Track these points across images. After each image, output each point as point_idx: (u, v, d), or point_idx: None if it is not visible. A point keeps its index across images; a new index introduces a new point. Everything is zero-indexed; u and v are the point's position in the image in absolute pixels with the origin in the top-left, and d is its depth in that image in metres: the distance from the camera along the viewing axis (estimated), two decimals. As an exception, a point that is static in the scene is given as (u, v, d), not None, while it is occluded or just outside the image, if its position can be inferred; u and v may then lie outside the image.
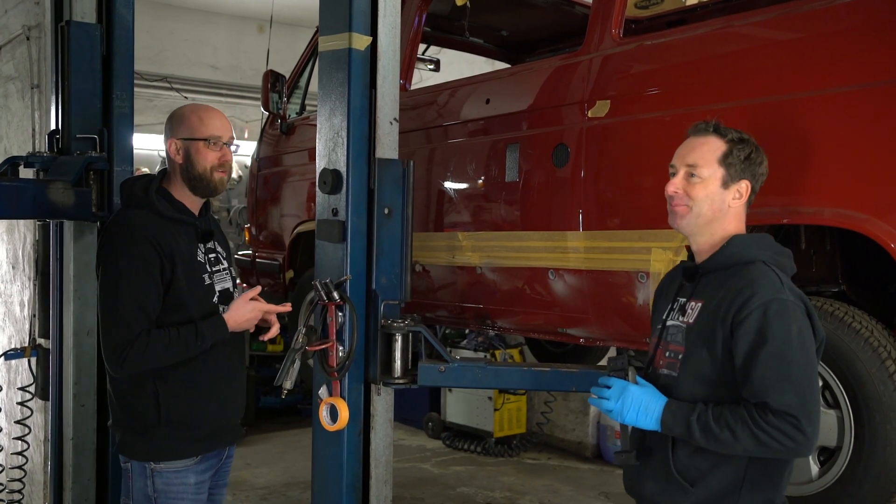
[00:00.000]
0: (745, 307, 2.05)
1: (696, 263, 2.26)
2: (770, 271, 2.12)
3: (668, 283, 2.41)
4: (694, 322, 2.18)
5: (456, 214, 3.79)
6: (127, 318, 2.58)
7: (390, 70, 3.22)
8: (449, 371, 3.18)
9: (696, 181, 2.19)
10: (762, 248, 2.18)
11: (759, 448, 2.01)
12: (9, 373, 5.16)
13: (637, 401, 2.14)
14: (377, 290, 3.17)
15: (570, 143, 3.22)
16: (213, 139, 2.75)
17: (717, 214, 2.20)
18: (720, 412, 2.05)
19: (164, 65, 8.36)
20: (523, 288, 3.50)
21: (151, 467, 2.69)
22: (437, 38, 5.14)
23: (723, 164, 2.19)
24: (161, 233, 2.65)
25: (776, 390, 2.00)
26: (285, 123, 5.09)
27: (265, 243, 5.38)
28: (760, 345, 2.02)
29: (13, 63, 5.17)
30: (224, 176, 2.80)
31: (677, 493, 2.17)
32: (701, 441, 2.06)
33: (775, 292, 2.06)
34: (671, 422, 2.11)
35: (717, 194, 2.19)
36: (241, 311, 2.77)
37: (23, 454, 4.56)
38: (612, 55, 3.15)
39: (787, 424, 1.98)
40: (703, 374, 2.14)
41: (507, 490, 6.39)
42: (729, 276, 2.15)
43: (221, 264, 2.89)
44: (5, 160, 3.46)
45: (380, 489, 3.29)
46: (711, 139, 2.21)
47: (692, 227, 2.22)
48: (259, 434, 7.92)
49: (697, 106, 2.83)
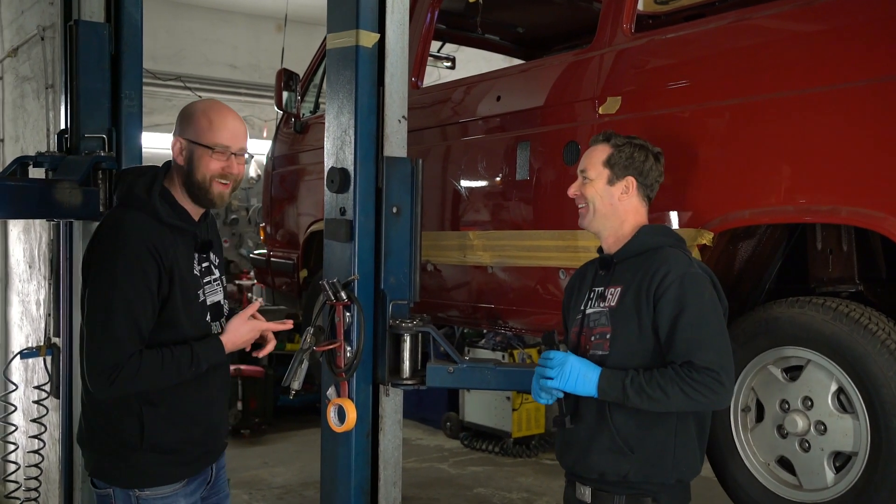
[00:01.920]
0: (664, 282, 2.36)
1: (610, 254, 2.55)
2: (677, 251, 2.45)
3: (578, 280, 2.69)
4: (617, 304, 2.46)
5: (467, 213, 3.75)
6: (120, 338, 2.32)
7: (398, 68, 3.18)
8: (458, 372, 3.14)
9: (587, 183, 2.54)
10: (665, 236, 2.52)
11: (688, 402, 2.29)
12: (26, 371, 5.18)
13: (577, 369, 2.39)
14: (385, 289, 3.14)
15: (581, 141, 3.17)
16: (220, 148, 2.47)
17: (609, 210, 2.52)
18: (650, 375, 2.31)
19: (183, 64, 8.39)
20: (534, 288, 3.45)
21: (136, 494, 2.46)
22: (451, 35, 5.10)
23: (606, 165, 2.52)
24: (162, 243, 2.41)
25: (698, 350, 2.29)
26: (299, 122, 5.07)
27: (280, 242, 5.37)
28: (680, 312, 2.33)
29: (29, 63, 5.18)
30: (225, 189, 2.52)
31: (621, 460, 2.41)
32: (636, 402, 2.31)
33: (687, 267, 2.39)
34: (607, 386, 2.35)
35: (604, 191, 2.51)
36: (239, 332, 2.57)
37: (39, 452, 4.57)
38: (623, 51, 3.09)
39: (709, 378, 2.27)
40: (632, 346, 2.41)
41: (525, 491, 6.33)
42: (642, 260, 2.45)
43: (213, 275, 2.65)
44: (14, 160, 3.46)
45: (388, 491, 3.26)
46: (601, 146, 2.55)
47: (593, 223, 2.54)
48: (277, 433, 7.94)
49: (709, 102, 2.77)
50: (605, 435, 2.43)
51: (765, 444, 2.70)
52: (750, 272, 2.96)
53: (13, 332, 5.65)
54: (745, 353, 2.70)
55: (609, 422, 2.42)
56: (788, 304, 2.61)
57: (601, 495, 2.47)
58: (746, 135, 2.67)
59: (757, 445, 2.73)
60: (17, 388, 4.90)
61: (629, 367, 2.37)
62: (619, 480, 2.44)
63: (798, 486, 2.62)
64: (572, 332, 2.62)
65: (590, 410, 2.46)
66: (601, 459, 2.45)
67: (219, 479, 2.77)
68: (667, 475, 2.41)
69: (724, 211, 2.73)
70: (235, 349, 2.59)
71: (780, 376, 2.66)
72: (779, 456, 2.67)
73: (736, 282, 2.96)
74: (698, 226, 2.77)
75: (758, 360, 2.69)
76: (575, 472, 2.57)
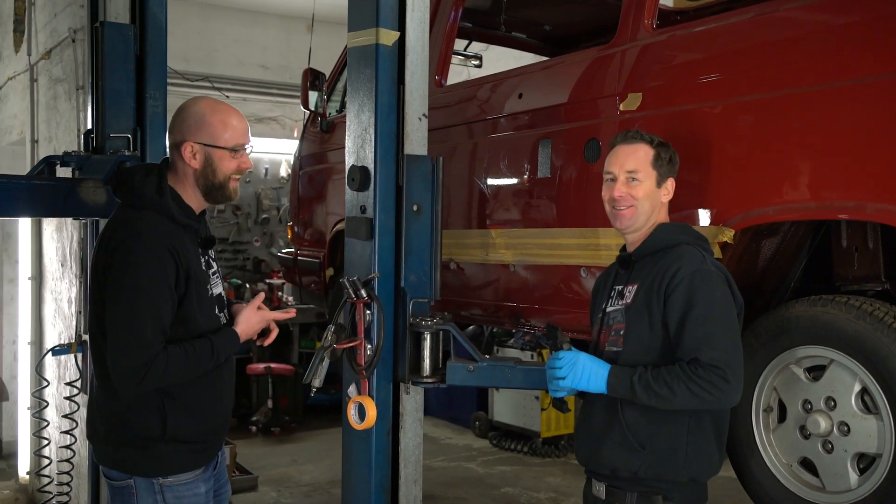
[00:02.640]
0: (675, 278, 2.36)
1: (629, 253, 2.56)
2: (693, 249, 2.44)
3: (603, 281, 2.71)
4: (632, 301, 2.47)
5: (489, 211, 3.74)
6: (147, 339, 2.39)
7: (419, 66, 3.18)
8: (478, 370, 3.13)
9: (635, 184, 2.51)
10: (684, 233, 2.52)
11: (693, 399, 2.29)
12: (58, 368, 5.27)
13: (587, 367, 2.40)
14: (406, 287, 3.14)
15: (602, 138, 3.14)
16: (239, 148, 2.58)
17: (653, 211, 2.53)
18: (658, 372, 2.32)
19: (215, 65, 8.46)
20: (555, 286, 3.43)
21: (160, 482, 2.54)
22: (478, 33, 5.09)
23: (654, 167, 2.51)
24: (179, 242, 2.49)
25: (705, 347, 2.29)
26: (325, 121, 5.09)
27: (307, 241, 5.40)
28: (689, 309, 2.33)
29: (61, 65, 5.27)
30: (237, 184, 2.64)
31: (631, 456, 2.42)
32: (643, 398, 2.33)
33: (699, 264, 2.38)
34: (616, 383, 2.37)
35: (653, 192, 2.51)
36: (250, 323, 2.69)
37: (70, 448, 4.64)
38: (644, 46, 3.06)
39: (715, 376, 2.26)
40: (643, 342, 2.42)
41: (553, 491, 6.31)
42: (658, 258, 2.46)
43: (212, 268, 2.72)
44: (42, 160, 3.52)
45: (409, 489, 3.26)
46: (641, 146, 2.53)
47: (637, 224, 2.52)
48: (307, 431, 7.99)
49: (731, 97, 2.73)
50: (615, 430, 2.45)
51: (787, 444, 2.66)
52: (774, 271, 2.91)
53: (47, 330, 5.75)
54: (767, 352, 2.66)
55: (620, 417, 2.43)
56: (811, 302, 2.57)
57: (614, 492, 2.49)
58: (769, 130, 2.63)
59: (779, 446, 2.68)
60: (48, 384, 4.98)
61: (640, 363, 2.38)
62: (630, 477, 2.44)
63: (821, 487, 2.57)
64: (594, 330, 2.64)
65: (601, 405, 2.48)
66: (612, 455, 2.46)
67: (221, 464, 2.85)
68: (678, 473, 2.40)
69: (745, 208, 2.69)
70: (247, 339, 2.72)
71: (803, 376, 2.61)
72: (801, 457, 2.63)
73: (759, 281, 2.91)
74: (719, 223, 2.73)
75: (779, 360, 2.65)
76: (589, 467, 2.59)
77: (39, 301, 5.93)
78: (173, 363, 2.43)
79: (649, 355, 2.40)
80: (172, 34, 3.66)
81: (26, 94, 6.19)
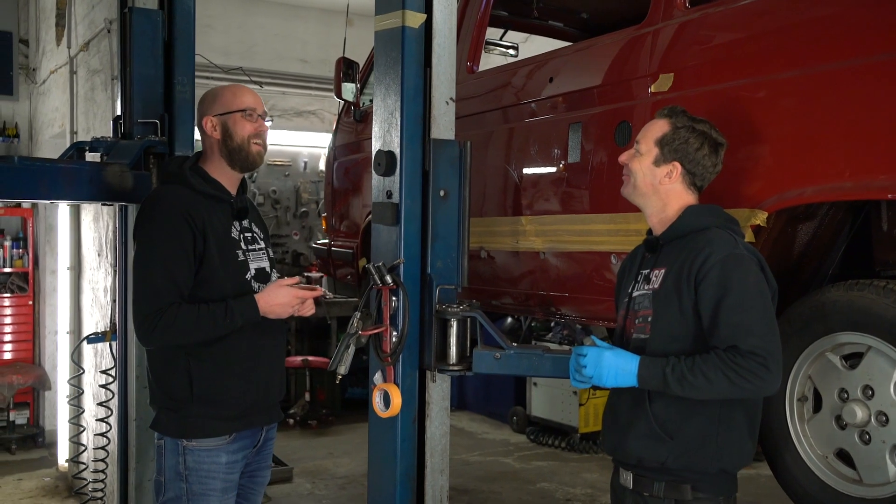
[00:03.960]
0: (706, 264, 2.26)
1: (656, 236, 2.46)
2: (724, 232, 2.34)
3: (629, 263, 2.61)
4: (660, 286, 2.37)
5: (519, 198, 3.67)
6: (157, 289, 2.58)
7: (446, 48, 3.13)
8: (505, 358, 3.06)
9: (636, 156, 2.46)
10: (713, 216, 2.40)
11: (732, 388, 2.19)
12: (95, 356, 5.32)
13: (613, 364, 2.30)
14: (432, 274, 3.09)
15: (633, 121, 3.06)
16: (249, 110, 2.76)
17: (650, 189, 2.43)
18: (692, 361, 2.22)
19: (255, 59, 8.49)
20: (586, 273, 3.36)
21: (184, 444, 2.69)
22: (514, 22, 5.02)
23: (657, 144, 2.42)
24: (194, 207, 2.66)
25: (742, 334, 2.19)
26: (359, 111, 5.06)
27: (341, 232, 5.38)
28: (724, 295, 2.22)
29: (98, 56, 5.32)
30: (261, 149, 2.80)
31: (658, 446, 2.34)
32: (677, 389, 2.22)
33: (731, 248, 2.28)
34: (647, 376, 2.27)
35: (648, 170, 2.43)
36: (273, 295, 2.72)
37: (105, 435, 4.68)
38: (676, 26, 2.97)
39: (754, 363, 2.17)
40: (672, 330, 2.32)
41: (589, 487, 6.22)
42: (687, 242, 2.36)
43: (258, 244, 2.87)
44: (71, 145, 3.55)
45: (435, 479, 3.21)
46: (662, 122, 2.44)
47: (631, 197, 2.48)
48: (344, 424, 8.00)
49: (765, 75, 2.63)
50: (642, 421, 2.37)
51: (822, 435, 2.55)
52: (811, 256, 2.80)
53: (85, 319, 5.82)
54: (801, 339, 2.55)
55: (647, 407, 2.36)
56: (847, 287, 2.46)
57: (641, 481, 2.41)
58: (807, 107, 2.53)
59: (814, 437, 2.57)
60: (83, 371, 5.03)
61: (669, 352, 2.29)
62: (657, 467, 2.37)
63: (858, 480, 2.45)
64: (620, 315, 2.56)
65: (628, 394, 2.39)
66: (639, 444, 2.39)
67: (265, 448, 2.93)
68: (708, 464, 2.33)
69: (779, 189, 2.59)
70: (271, 313, 2.73)
71: (839, 364, 2.50)
72: (837, 448, 2.51)
73: (796, 267, 2.81)
74: (752, 206, 2.63)
75: (814, 347, 2.54)
76: (616, 456, 2.51)
77: (78, 291, 6.00)
78: (184, 317, 2.57)
79: (678, 343, 2.31)
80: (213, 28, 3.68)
81: (66, 87, 6.28)
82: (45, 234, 8.16)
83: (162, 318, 2.56)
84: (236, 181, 2.83)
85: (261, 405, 2.83)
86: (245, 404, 2.76)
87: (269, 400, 2.89)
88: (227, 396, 2.71)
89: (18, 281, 8.20)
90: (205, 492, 2.70)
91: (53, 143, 7.39)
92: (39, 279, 8.26)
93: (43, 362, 8.25)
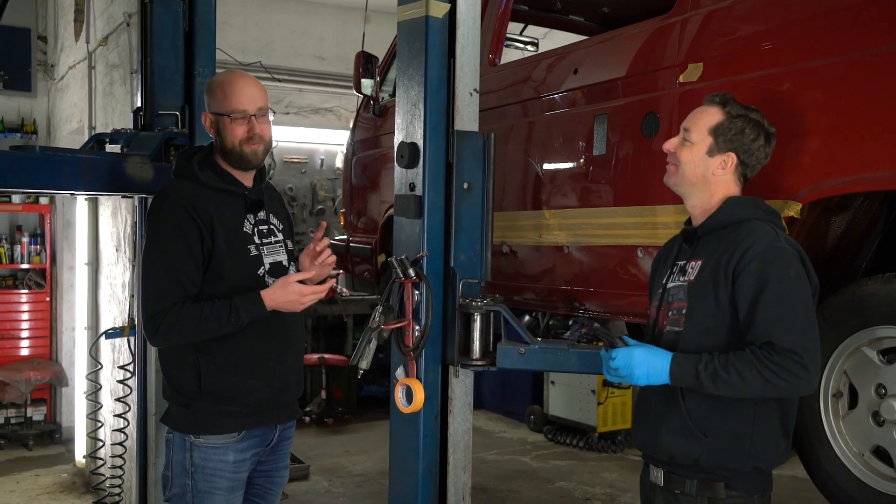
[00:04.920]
0: (745, 257, 2.19)
1: (694, 227, 2.39)
2: (765, 225, 2.26)
3: (664, 253, 2.55)
4: (695, 279, 2.31)
5: (542, 191, 3.62)
6: (161, 289, 2.54)
7: (470, 39, 3.08)
8: (529, 353, 3.02)
9: (686, 144, 2.36)
10: (754, 208, 2.33)
11: (767, 387, 2.12)
12: (113, 352, 5.30)
13: (645, 362, 2.23)
14: (455, 267, 3.04)
15: (661, 112, 3.00)
16: (237, 114, 2.63)
17: (700, 180, 2.35)
18: (726, 358, 2.15)
19: (272, 56, 8.46)
20: (611, 268, 3.30)
21: (191, 440, 2.64)
22: (534, 16, 4.97)
23: (712, 134, 2.33)
24: (201, 202, 2.59)
25: (779, 330, 2.12)
26: (378, 105, 5.03)
27: (359, 228, 5.34)
28: (762, 289, 2.15)
29: (117, 51, 5.30)
30: (258, 148, 2.68)
31: (691, 443, 2.27)
32: (710, 388, 2.16)
33: (771, 241, 2.20)
34: (680, 373, 2.20)
35: (700, 159, 2.34)
36: (280, 292, 2.63)
37: (123, 431, 4.66)
38: (706, 14, 2.91)
39: (790, 361, 2.10)
40: (707, 324, 2.26)
41: (608, 486, 6.16)
42: (726, 234, 2.29)
43: (275, 236, 2.79)
44: (91, 137, 3.52)
45: (458, 475, 3.16)
46: (713, 109, 2.36)
47: (677, 186, 2.40)
48: (360, 422, 7.96)
49: (800, 63, 2.57)
50: (675, 416, 2.30)
51: (859, 432, 2.48)
52: (844, 249, 2.74)
53: (103, 315, 5.80)
54: (837, 334, 2.49)
55: (680, 403, 2.29)
56: (886, 280, 2.39)
57: (673, 478, 2.34)
58: (842, 95, 2.47)
59: (850, 434, 2.51)
60: (101, 367, 5.02)
61: (703, 346, 2.23)
62: (690, 464, 2.30)
63: (896, 478, 2.40)
64: (653, 307, 2.50)
65: (660, 388, 2.31)
66: (671, 441, 2.32)
67: (281, 447, 2.85)
68: (742, 462, 2.26)
69: (814, 180, 2.52)
70: (279, 308, 2.65)
71: (876, 359, 2.43)
72: (874, 445, 2.44)
73: (828, 260, 2.75)
74: (786, 196, 2.57)
75: (850, 342, 2.47)
76: (647, 452, 2.46)
77: (96, 286, 5.99)
78: (185, 318, 2.52)
79: (713, 337, 2.24)
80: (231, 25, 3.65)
81: (85, 82, 6.27)
82: (63, 230, 8.17)
83: (165, 319, 2.52)
84: (249, 173, 2.76)
85: (275, 403, 2.76)
86: (257, 401, 2.69)
87: (285, 398, 2.82)
88: (237, 393, 2.65)
89: (36, 277, 8.21)
90: (210, 490, 2.65)
91: (72, 138, 7.39)
92: (57, 275, 8.26)
93: (60, 359, 8.26)
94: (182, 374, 2.65)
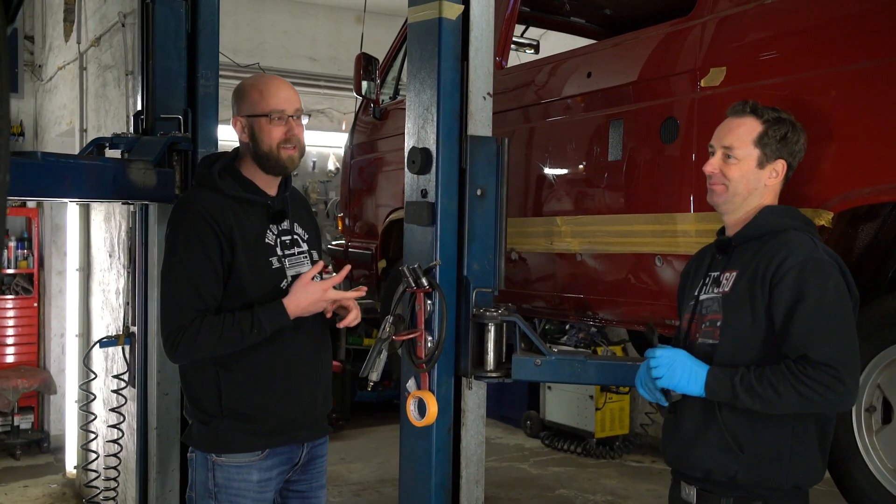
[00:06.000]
0: (782, 267, 2.12)
1: (728, 237, 2.32)
2: (802, 235, 2.20)
3: (695, 265, 2.48)
4: (731, 290, 2.24)
5: (554, 197, 3.54)
6: (180, 304, 2.44)
7: (483, 42, 3.01)
8: (546, 365, 2.94)
9: (732, 162, 2.28)
10: (791, 218, 2.27)
11: (802, 402, 2.05)
12: (106, 361, 5.18)
13: (687, 367, 2.17)
14: (469, 276, 2.97)
15: (680, 117, 2.93)
16: (276, 114, 2.53)
17: (752, 192, 2.28)
18: (762, 372, 2.09)
19: (264, 57, 8.35)
20: (627, 276, 3.22)
21: (213, 459, 2.53)
22: (535, 18, 4.89)
23: (758, 145, 2.27)
24: (221, 213, 2.48)
25: (815, 343, 2.06)
26: (378, 108, 4.93)
27: (358, 233, 5.24)
28: (799, 301, 2.09)
29: (111, 52, 5.18)
30: (294, 153, 2.57)
31: (728, 459, 2.20)
32: (746, 402, 2.10)
33: (810, 252, 2.14)
34: (716, 386, 2.14)
35: (752, 174, 2.27)
36: (300, 295, 2.50)
37: (117, 442, 4.54)
38: (728, 17, 2.83)
39: (827, 376, 2.03)
40: (744, 337, 2.19)
41: (609, 494, 6.10)
42: (762, 244, 2.22)
43: (299, 247, 2.66)
44: (91, 141, 3.39)
45: (471, 490, 3.09)
46: (748, 120, 2.28)
47: (729, 204, 2.30)
48: (355, 429, 7.86)
49: (830, 67, 2.50)
50: (712, 431, 2.23)
51: (893, 448, 2.41)
52: (871, 259, 2.68)
53: (95, 322, 5.67)
54: (870, 347, 2.42)
55: (717, 417, 2.21)
56: (922, 291, 2.33)
57: (707, 496, 2.27)
58: (873, 101, 2.40)
59: (883, 449, 2.44)
60: (95, 376, 4.89)
61: (740, 359, 2.16)
62: (726, 481, 2.23)
63: (932, 495, 2.33)
64: (684, 319, 2.42)
65: (695, 401, 2.24)
66: (707, 456, 2.24)
67: (313, 466, 2.74)
68: (781, 480, 2.18)
69: (844, 189, 2.46)
70: (304, 313, 2.54)
71: (912, 373, 2.38)
72: (909, 462, 2.39)
73: (855, 269, 2.67)
74: (816, 205, 2.50)
75: (884, 355, 2.41)
76: (678, 468, 2.38)
77: (87, 293, 5.86)
78: (207, 330, 2.41)
79: (749, 351, 2.17)
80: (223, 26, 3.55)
81: (75, 84, 6.13)
82: (52, 234, 8.02)
83: (185, 335, 2.42)
84: (275, 181, 2.63)
85: (301, 420, 2.62)
86: (281, 419, 2.56)
87: (313, 414, 2.68)
88: (260, 410, 2.53)
89: (23, 282, 8.05)
90: None
91: (60, 141, 7.25)
92: (45, 281, 8.11)
93: (48, 366, 8.10)
94: (202, 390, 2.55)
